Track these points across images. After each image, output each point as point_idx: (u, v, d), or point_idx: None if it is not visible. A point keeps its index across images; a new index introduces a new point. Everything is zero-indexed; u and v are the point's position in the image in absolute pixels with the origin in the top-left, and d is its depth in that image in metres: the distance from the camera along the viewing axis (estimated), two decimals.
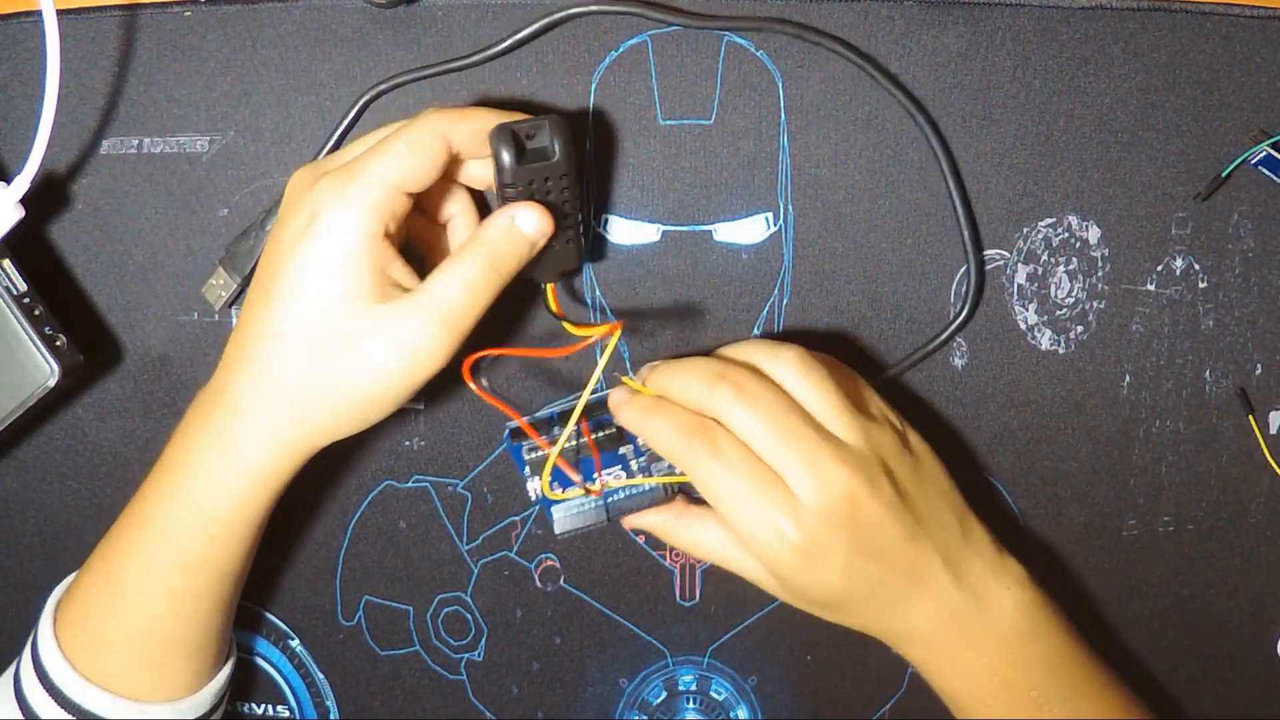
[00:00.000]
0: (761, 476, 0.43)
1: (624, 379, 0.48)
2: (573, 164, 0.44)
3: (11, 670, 0.48)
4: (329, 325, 0.41)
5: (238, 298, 0.51)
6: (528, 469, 0.50)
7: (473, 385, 0.44)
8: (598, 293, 0.51)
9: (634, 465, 0.50)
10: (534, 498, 0.50)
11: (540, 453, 0.49)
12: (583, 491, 0.49)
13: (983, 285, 0.50)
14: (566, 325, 0.46)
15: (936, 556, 0.45)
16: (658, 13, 0.47)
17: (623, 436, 0.49)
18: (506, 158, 0.43)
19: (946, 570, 0.46)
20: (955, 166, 0.49)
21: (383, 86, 0.49)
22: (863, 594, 0.45)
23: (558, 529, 0.50)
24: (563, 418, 0.50)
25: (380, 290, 0.41)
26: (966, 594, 0.46)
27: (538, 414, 0.52)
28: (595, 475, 0.49)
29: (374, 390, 0.42)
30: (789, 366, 0.45)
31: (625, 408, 0.46)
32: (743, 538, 0.44)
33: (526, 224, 0.43)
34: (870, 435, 0.45)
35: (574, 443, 0.49)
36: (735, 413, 0.44)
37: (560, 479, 0.49)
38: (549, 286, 0.47)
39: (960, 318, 0.50)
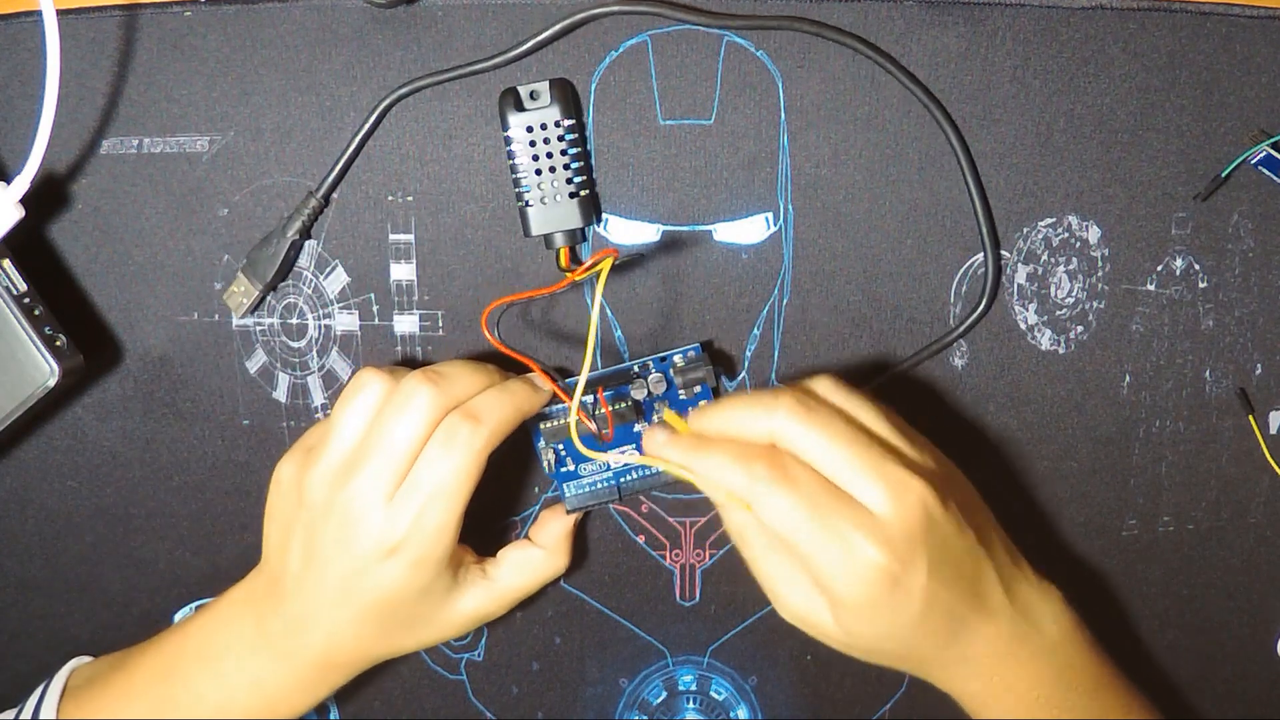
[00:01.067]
0: (836, 497, 0.41)
1: (666, 413, 0.47)
2: (571, 114, 0.48)
3: None
4: (417, 615, 0.47)
5: (259, 304, 0.51)
6: (543, 440, 0.50)
7: (490, 336, 0.45)
8: (598, 292, 0.51)
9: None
10: (547, 470, 0.51)
11: (555, 423, 0.49)
12: (602, 447, 0.50)
13: (999, 277, 0.50)
14: (567, 274, 0.47)
15: (994, 574, 0.45)
16: (673, 11, 0.47)
17: (639, 413, 0.50)
18: (507, 109, 0.47)
19: (1000, 588, 0.45)
20: (973, 163, 0.49)
21: (402, 91, 0.49)
22: (935, 619, 0.43)
23: (569, 505, 0.51)
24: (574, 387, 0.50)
25: (457, 576, 0.48)
26: (1019, 615, 0.45)
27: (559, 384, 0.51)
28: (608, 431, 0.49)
29: (438, 641, 0.49)
30: (833, 390, 0.44)
31: (669, 446, 0.44)
32: (819, 570, 0.42)
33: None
34: (925, 450, 0.45)
35: (591, 413, 0.49)
36: (798, 432, 0.42)
37: (583, 442, 0.49)
38: (562, 250, 0.49)
39: (979, 309, 0.50)
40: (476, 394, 0.47)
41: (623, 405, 0.49)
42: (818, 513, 0.41)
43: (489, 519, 0.54)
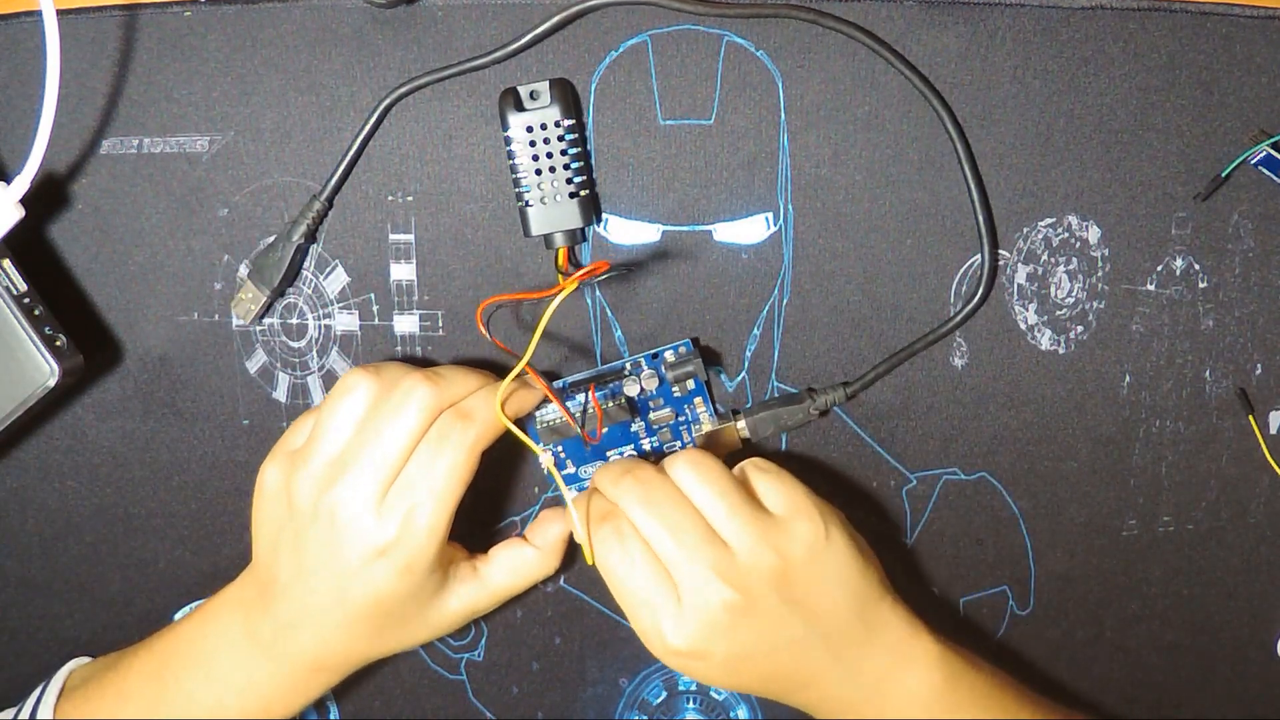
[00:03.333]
0: (654, 575, 0.45)
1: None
2: (571, 114, 0.48)
3: None
4: (408, 615, 0.47)
5: (268, 310, 0.51)
6: (541, 442, 0.51)
7: (483, 330, 0.46)
8: (598, 292, 0.51)
9: (646, 445, 0.51)
10: (545, 470, 0.51)
11: (553, 422, 0.50)
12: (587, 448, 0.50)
13: (995, 271, 0.50)
14: (561, 279, 0.47)
15: (826, 657, 0.46)
16: (669, 1, 0.47)
17: (633, 411, 0.50)
18: (507, 109, 0.47)
19: (839, 667, 0.46)
20: (970, 150, 0.49)
21: (402, 90, 0.49)
22: (752, 685, 0.47)
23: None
24: (573, 387, 0.50)
25: (447, 575, 0.48)
26: (862, 689, 0.46)
27: (552, 384, 0.52)
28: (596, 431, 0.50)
29: (429, 639, 0.49)
30: (684, 468, 0.46)
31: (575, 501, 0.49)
32: (633, 627, 0.46)
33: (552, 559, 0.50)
34: (762, 537, 0.45)
35: (580, 410, 0.50)
36: (634, 509, 0.45)
37: (569, 448, 0.51)
38: (561, 250, 0.49)
39: (975, 299, 0.50)
40: (470, 394, 0.47)
41: (615, 403, 0.50)
42: (633, 583, 0.45)
43: (489, 519, 0.54)
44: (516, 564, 0.50)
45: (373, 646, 0.48)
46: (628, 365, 0.51)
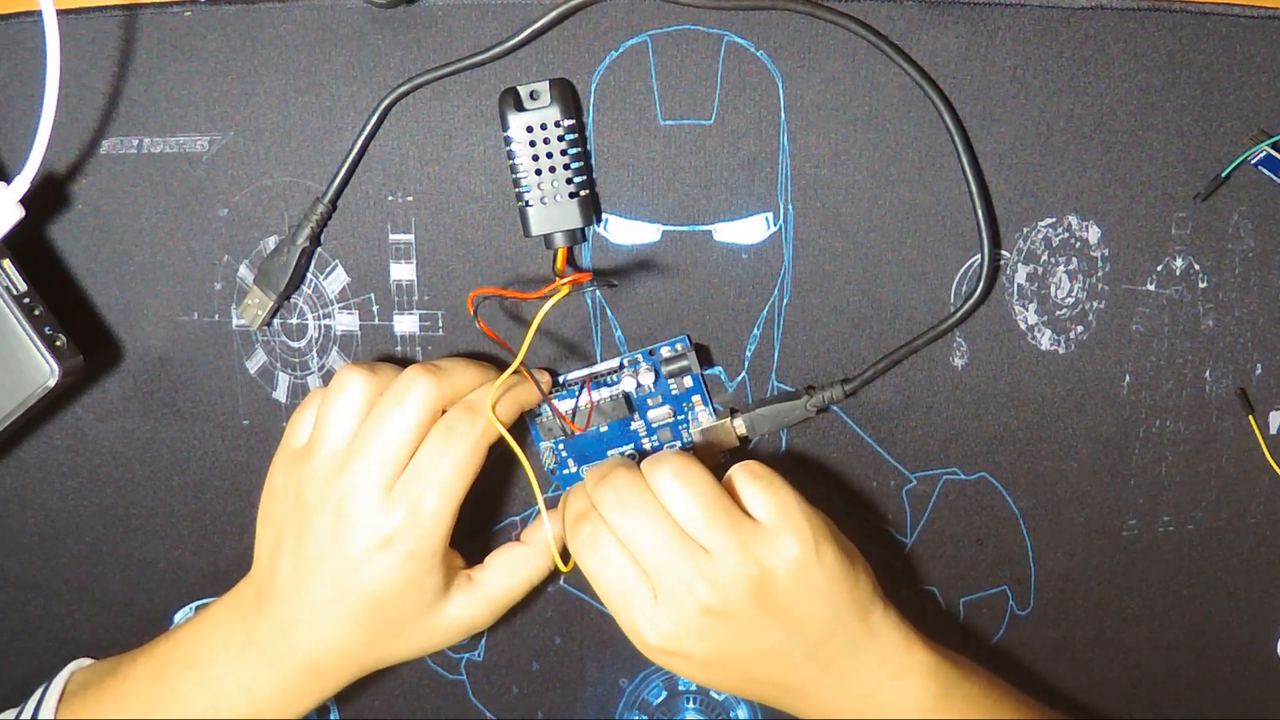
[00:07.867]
0: (630, 573, 0.45)
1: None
2: (571, 113, 0.48)
3: None
4: (406, 616, 0.47)
5: (275, 314, 0.51)
6: (543, 440, 0.51)
7: (474, 316, 0.46)
8: (598, 293, 0.51)
9: (647, 444, 0.51)
10: (549, 471, 0.52)
11: (550, 416, 0.51)
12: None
13: (996, 269, 0.50)
14: (557, 283, 0.47)
15: (813, 667, 0.45)
16: None
17: (630, 407, 0.51)
18: (507, 109, 0.47)
19: (828, 678, 0.46)
20: (970, 145, 0.49)
21: (402, 89, 0.49)
22: (737, 687, 0.47)
23: None
24: (570, 383, 0.51)
25: (448, 580, 0.48)
26: (853, 699, 0.46)
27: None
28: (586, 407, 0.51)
29: (426, 650, 0.49)
30: (666, 476, 0.45)
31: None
32: (617, 619, 0.46)
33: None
34: (743, 545, 0.44)
35: (575, 407, 0.50)
36: (611, 514, 0.45)
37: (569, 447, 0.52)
38: (560, 250, 0.49)
39: (975, 296, 0.50)
40: (475, 388, 0.47)
41: (611, 398, 0.50)
42: (608, 580, 0.45)
43: (489, 520, 0.54)
44: (509, 563, 0.50)
45: (368, 651, 0.48)
46: (624, 361, 0.51)
